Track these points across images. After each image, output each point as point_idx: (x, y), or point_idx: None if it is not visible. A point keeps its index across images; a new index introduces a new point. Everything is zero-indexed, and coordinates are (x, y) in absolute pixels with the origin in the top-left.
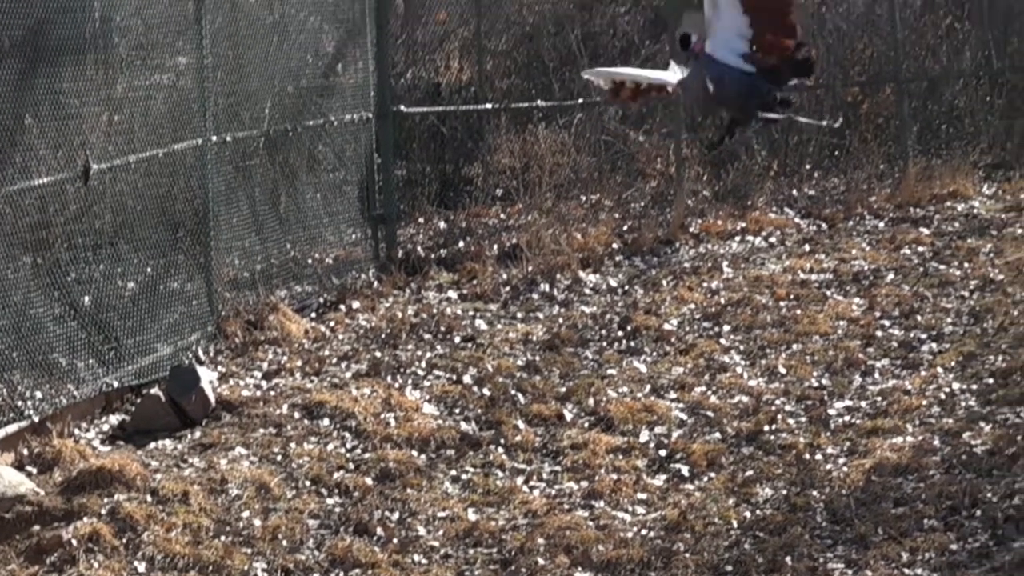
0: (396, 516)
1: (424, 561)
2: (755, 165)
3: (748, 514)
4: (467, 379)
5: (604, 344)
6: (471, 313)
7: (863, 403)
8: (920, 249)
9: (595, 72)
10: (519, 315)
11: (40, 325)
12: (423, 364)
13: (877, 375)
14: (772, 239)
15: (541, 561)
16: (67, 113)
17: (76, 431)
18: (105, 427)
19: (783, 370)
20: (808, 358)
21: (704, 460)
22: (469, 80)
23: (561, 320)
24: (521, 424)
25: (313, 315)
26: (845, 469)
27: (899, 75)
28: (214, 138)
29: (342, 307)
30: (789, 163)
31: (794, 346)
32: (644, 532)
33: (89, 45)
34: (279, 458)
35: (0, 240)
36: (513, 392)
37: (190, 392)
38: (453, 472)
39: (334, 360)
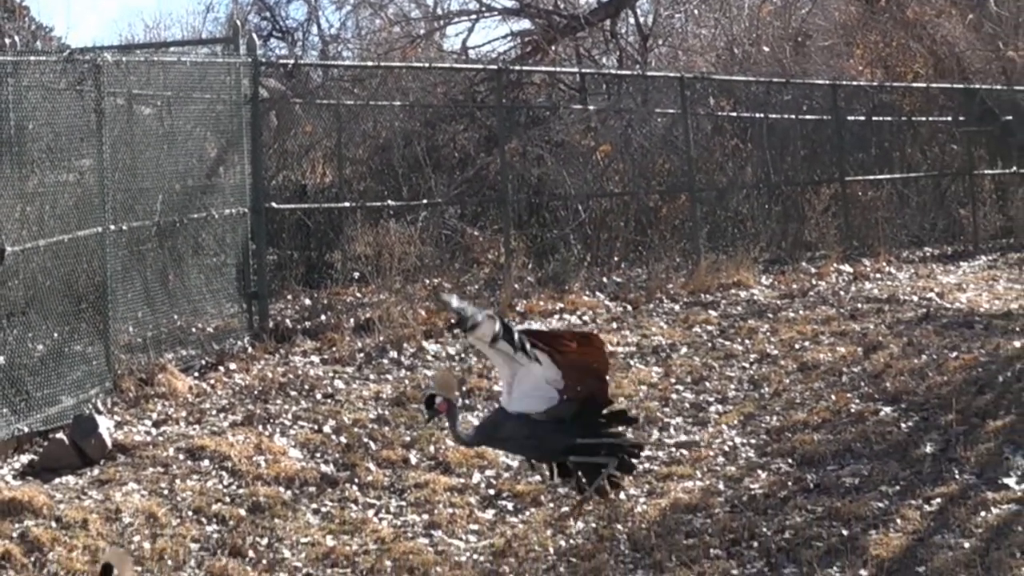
0: (265, 541)
1: None
2: (572, 256)
3: (563, 543)
4: (327, 429)
5: None
6: (331, 375)
7: (660, 453)
8: (709, 328)
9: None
10: (371, 377)
11: None
12: (289, 416)
13: (672, 430)
14: (585, 317)
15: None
16: None
17: None
18: (17, 465)
19: None
20: None
21: (527, 498)
22: (331, 182)
23: (407, 381)
24: (372, 467)
25: (196, 374)
26: (645, 507)
27: (692, 186)
28: (112, 227)
29: (221, 368)
30: (600, 255)
31: None
32: (476, 557)
33: (5, 148)
34: (166, 492)
35: None
36: (366, 440)
37: (90, 437)
38: (314, 506)
39: (214, 412)
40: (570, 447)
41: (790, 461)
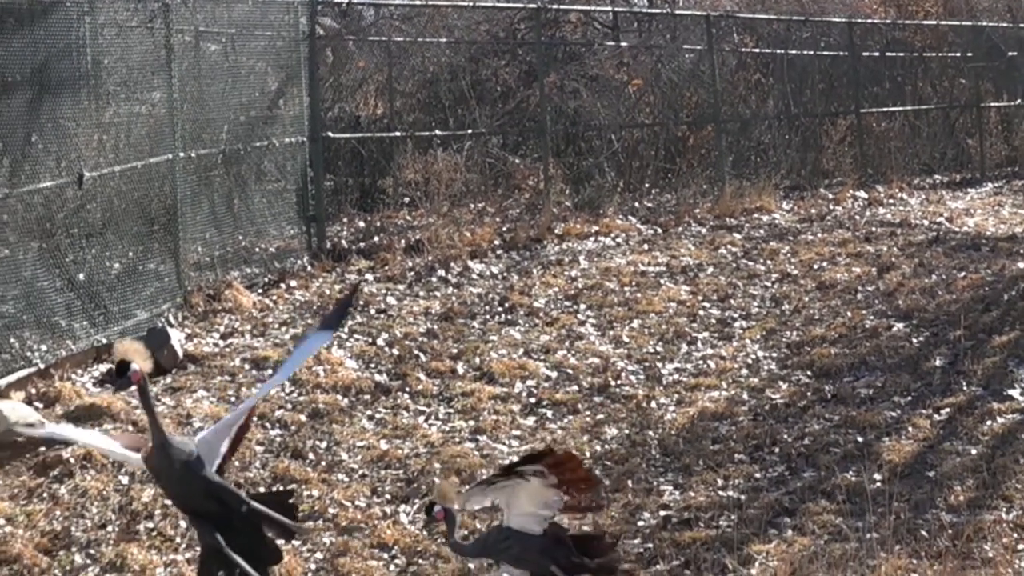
0: (324, 445)
1: (346, 479)
2: (606, 183)
3: (599, 448)
4: (380, 341)
5: (487, 317)
6: (383, 291)
7: (688, 365)
8: (733, 249)
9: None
10: (421, 294)
11: (45, 295)
12: (346, 329)
13: (699, 344)
14: (619, 240)
15: (437, 480)
16: (66, 133)
17: (73, 376)
18: (96, 373)
19: (626, 339)
20: (646, 330)
21: (565, 406)
22: (383, 114)
23: (454, 298)
24: (423, 376)
25: (260, 291)
26: (674, 415)
27: (718, 117)
28: (182, 154)
29: (282, 285)
30: (632, 182)
31: (635, 321)
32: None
33: (83, 81)
34: (232, 399)
35: (13, 230)
36: (416, 352)
37: (163, 348)
38: (369, 412)
39: (276, 325)
40: (561, 567)
41: (809, 373)
